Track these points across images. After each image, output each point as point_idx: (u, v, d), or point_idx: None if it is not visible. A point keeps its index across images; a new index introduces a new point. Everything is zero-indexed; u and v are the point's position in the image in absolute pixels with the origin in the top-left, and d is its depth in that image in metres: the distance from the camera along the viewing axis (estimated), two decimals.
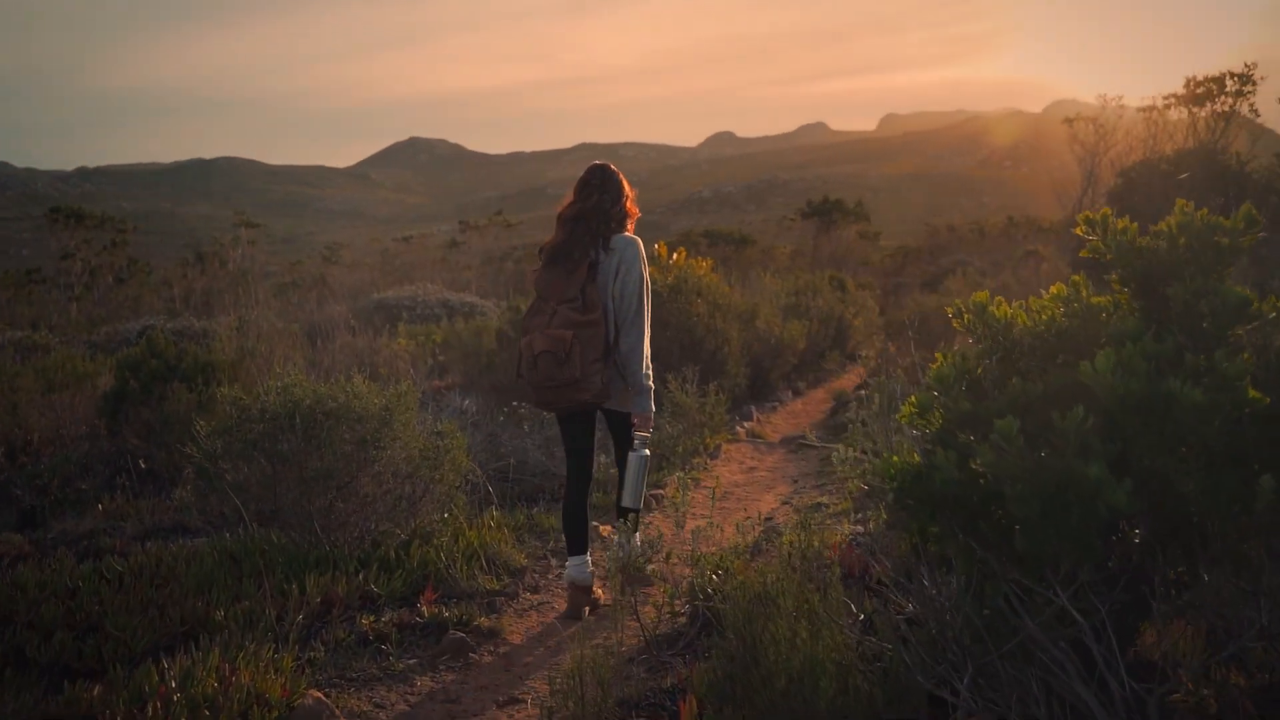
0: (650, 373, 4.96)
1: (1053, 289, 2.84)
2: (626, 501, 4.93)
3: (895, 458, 2.64)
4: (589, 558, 5.03)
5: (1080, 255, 3.01)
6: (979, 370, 2.83)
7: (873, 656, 3.07)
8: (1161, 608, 2.63)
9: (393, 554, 5.36)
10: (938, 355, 2.94)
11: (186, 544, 6.00)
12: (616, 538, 4.71)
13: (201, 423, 5.53)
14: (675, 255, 12.33)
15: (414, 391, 5.74)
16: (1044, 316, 2.81)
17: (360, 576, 5.05)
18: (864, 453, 8.00)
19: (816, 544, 5.44)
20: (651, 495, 7.22)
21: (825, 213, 33.12)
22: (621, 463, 5.05)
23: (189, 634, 4.56)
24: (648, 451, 4.96)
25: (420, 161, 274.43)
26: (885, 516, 6.19)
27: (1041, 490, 2.38)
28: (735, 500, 7.43)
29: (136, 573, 5.11)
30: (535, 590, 5.38)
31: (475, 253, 34.38)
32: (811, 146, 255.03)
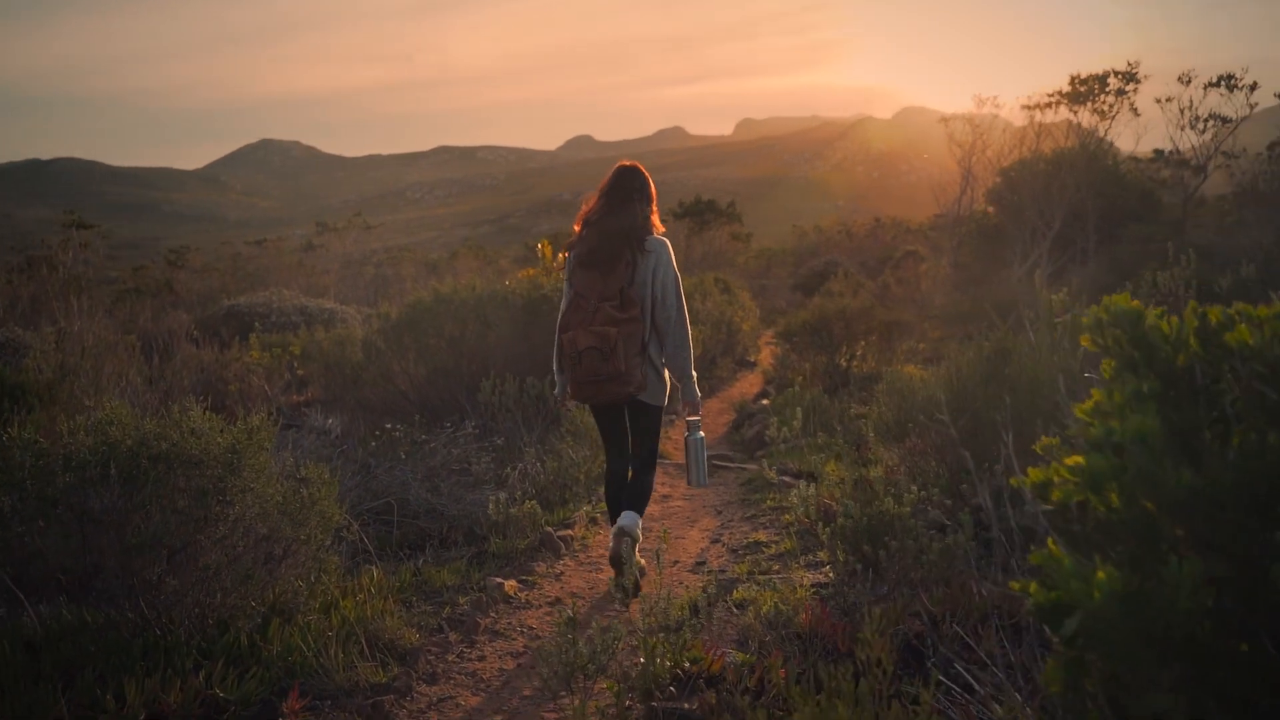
0: (694, 361, 5.28)
1: None
2: (695, 483, 5.38)
3: (1102, 573, 1.60)
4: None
5: None
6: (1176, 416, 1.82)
7: None
8: None
9: (245, 639, 4.13)
10: (1095, 393, 1.93)
11: None
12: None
13: None
14: (560, 255, 11.24)
15: (270, 427, 4.52)
16: None
17: (201, 676, 3.80)
18: (786, 475, 7.04)
19: (781, 606, 4.43)
20: (560, 537, 6.11)
21: (699, 213, 32.28)
22: (644, 451, 5.33)
23: None
24: (702, 433, 5.35)
25: (273, 164, 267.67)
26: (843, 559, 5.20)
27: None
28: (655, 538, 6.37)
29: None
30: (433, 680, 4.19)
31: (334, 257, 32.56)
32: (669, 150, 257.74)
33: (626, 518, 5.05)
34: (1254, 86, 18.76)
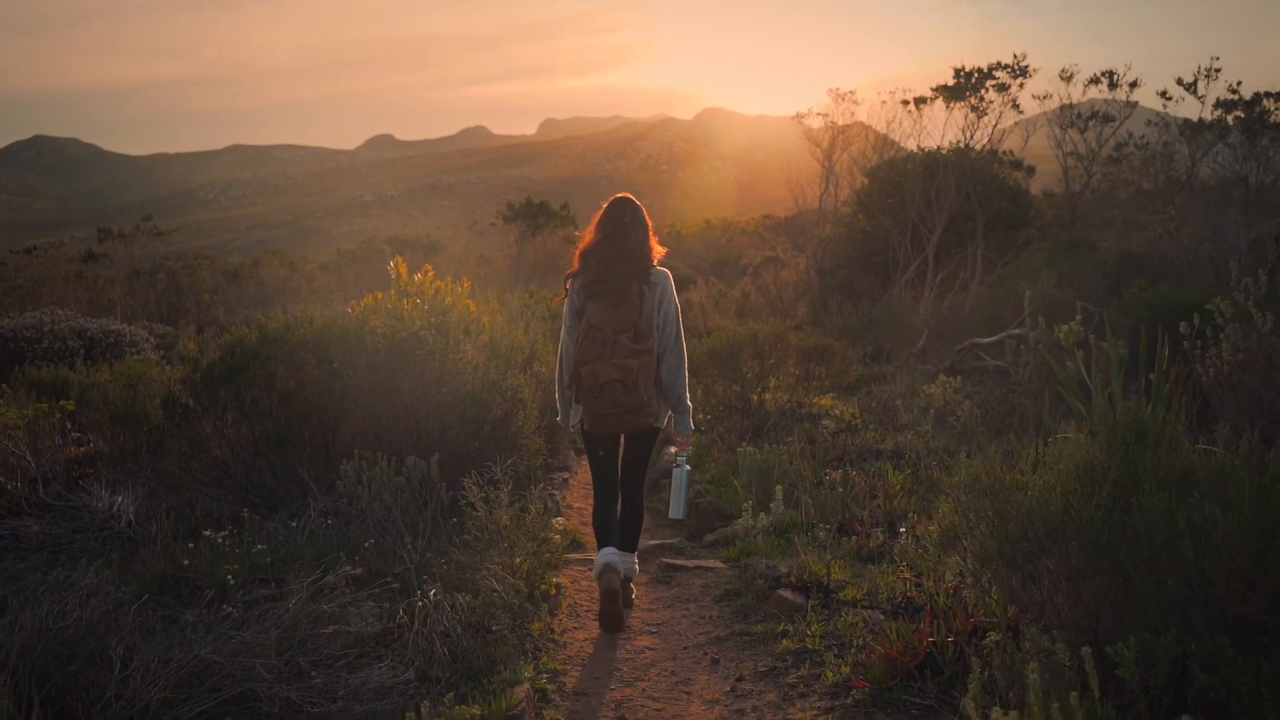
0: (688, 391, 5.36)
1: None
2: (674, 514, 5.50)
3: None
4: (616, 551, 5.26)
5: None
6: None
7: None
8: None
9: None
10: None
11: None
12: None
13: None
14: (420, 276, 8.84)
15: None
16: None
17: None
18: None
19: None
20: None
21: (530, 216, 29.98)
22: (635, 480, 5.50)
23: None
24: (689, 466, 5.53)
25: (47, 162, 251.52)
26: None
27: None
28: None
29: None
30: None
31: (120, 266, 28.90)
32: (473, 150, 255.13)
33: (615, 555, 5.18)
34: (1134, 84, 17.88)
